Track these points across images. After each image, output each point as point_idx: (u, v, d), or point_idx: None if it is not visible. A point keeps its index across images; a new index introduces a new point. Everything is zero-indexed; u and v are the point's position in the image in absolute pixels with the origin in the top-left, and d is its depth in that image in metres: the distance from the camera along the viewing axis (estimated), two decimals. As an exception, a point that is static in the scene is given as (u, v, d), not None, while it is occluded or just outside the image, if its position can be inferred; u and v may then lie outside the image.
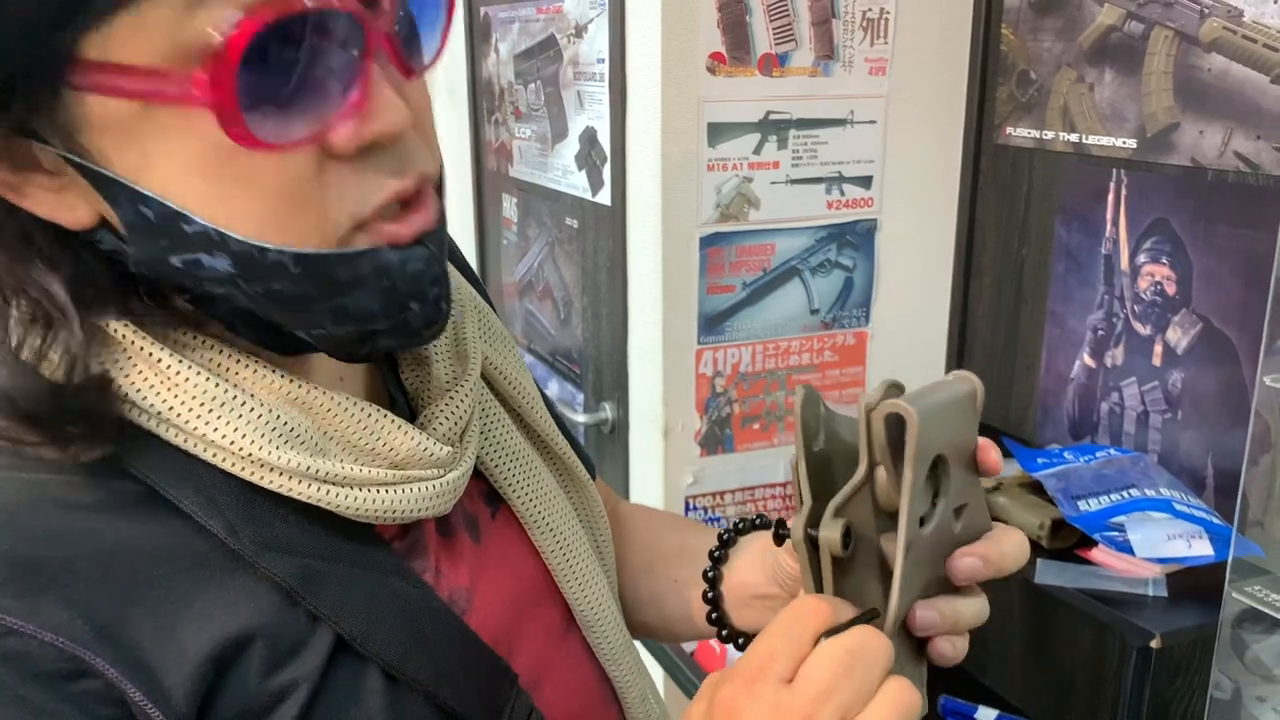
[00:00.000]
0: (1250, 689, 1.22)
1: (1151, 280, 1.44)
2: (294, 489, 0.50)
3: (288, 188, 0.45)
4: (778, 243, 1.63)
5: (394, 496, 0.53)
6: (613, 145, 1.67)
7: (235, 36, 0.41)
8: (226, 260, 0.46)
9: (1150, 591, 1.18)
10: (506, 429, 0.65)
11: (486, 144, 2.30)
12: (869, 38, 1.59)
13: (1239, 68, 1.29)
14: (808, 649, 0.45)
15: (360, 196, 0.47)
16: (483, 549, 0.61)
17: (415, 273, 0.49)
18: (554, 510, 0.66)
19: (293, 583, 0.50)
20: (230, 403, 0.49)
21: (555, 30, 1.84)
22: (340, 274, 0.47)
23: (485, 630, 0.57)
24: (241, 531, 0.49)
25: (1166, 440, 1.43)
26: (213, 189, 0.45)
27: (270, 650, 0.49)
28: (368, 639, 0.51)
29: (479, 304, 0.69)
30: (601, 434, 1.87)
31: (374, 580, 0.53)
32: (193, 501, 0.49)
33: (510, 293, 2.28)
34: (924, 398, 0.47)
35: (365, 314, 0.49)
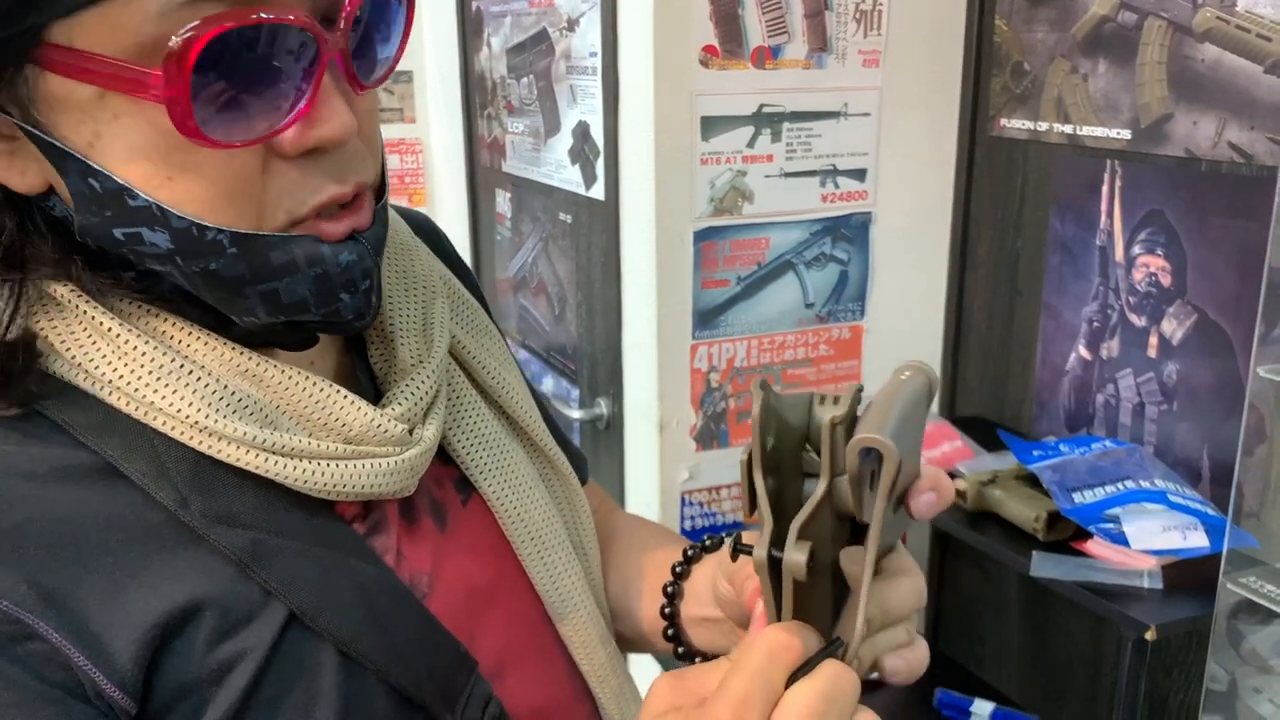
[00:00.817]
0: (1246, 680, 1.22)
1: (1146, 271, 1.44)
2: (242, 459, 0.51)
3: (231, 180, 0.48)
4: (772, 236, 1.63)
5: (345, 471, 0.54)
6: (605, 139, 1.67)
7: (193, 41, 0.44)
8: (165, 236, 0.48)
9: (1145, 583, 1.17)
10: (481, 417, 0.65)
11: (479, 139, 2.29)
12: (862, 30, 1.59)
13: (1232, 58, 1.28)
14: (780, 691, 0.45)
15: (299, 196, 0.50)
16: (449, 536, 0.61)
17: (347, 264, 0.51)
18: (528, 500, 0.66)
19: (243, 556, 0.51)
20: (178, 371, 0.51)
21: (547, 24, 1.83)
22: (274, 257, 0.49)
23: (446, 616, 0.58)
24: (192, 503, 0.50)
25: (1162, 432, 1.43)
26: (159, 172, 0.47)
27: (219, 620, 0.50)
28: (319, 614, 0.52)
29: (459, 293, 0.70)
30: (597, 430, 1.87)
31: (330, 557, 0.53)
32: (144, 472, 0.50)
33: (504, 288, 2.27)
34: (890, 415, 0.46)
35: (296, 301, 0.51)
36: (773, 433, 0.49)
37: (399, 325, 0.61)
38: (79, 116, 0.46)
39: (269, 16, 0.45)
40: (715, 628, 0.68)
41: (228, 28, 0.44)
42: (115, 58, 0.44)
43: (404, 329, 0.61)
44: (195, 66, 0.44)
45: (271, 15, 0.45)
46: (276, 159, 0.49)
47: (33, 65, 0.45)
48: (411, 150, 2.48)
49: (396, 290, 0.63)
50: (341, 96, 0.49)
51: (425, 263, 0.66)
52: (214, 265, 0.49)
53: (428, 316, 0.63)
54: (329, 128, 0.48)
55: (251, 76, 0.46)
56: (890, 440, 0.44)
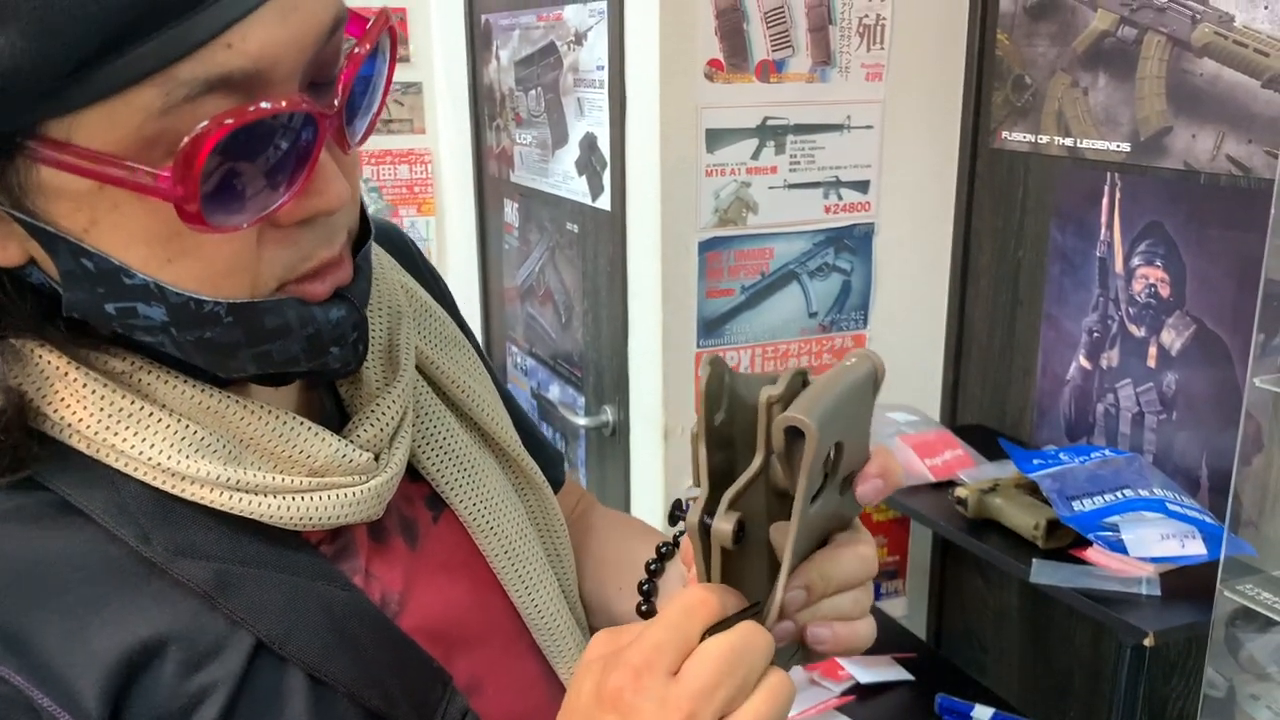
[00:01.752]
0: (1244, 687, 1.23)
1: (1146, 283, 1.45)
2: (208, 497, 0.51)
3: (231, 258, 0.48)
4: (776, 247, 1.65)
5: (311, 503, 0.54)
6: (612, 151, 1.69)
7: (203, 140, 0.43)
8: (162, 309, 0.48)
9: (1144, 591, 1.19)
10: (451, 433, 0.66)
11: (488, 150, 2.32)
12: (865, 44, 1.61)
13: (1230, 72, 1.30)
14: (694, 643, 0.46)
15: (291, 263, 0.50)
16: (420, 553, 0.62)
17: (337, 320, 0.52)
18: (500, 513, 0.66)
19: (207, 588, 0.50)
20: (137, 414, 0.51)
21: (555, 37, 1.85)
22: (268, 321, 0.50)
23: (420, 633, 0.58)
24: (154, 538, 0.50)
25: (1161, 441, 1.45)
26: (158, 256, 0.47)
27: (186, 654, 0.49)
28: (287, 640, 0.52)
29: (427, 308, 0.70)
30: (602, 437, 1.89)
31: (296, 583, 0.53)
32: (103, 510, 0.50)
33: (511, 297, 2.29)
34: (823, 398, 0.47)
35: (288, 359, 0.51)
36: (725, 409, 0.51)
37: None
38: (74, 205, 0.46)
39: (271, 106, 0.45)
40: None
41: (237, 126, 0.44)
42: (117, 156, 0.44)
43: (369, 354, 0.61)
44: (205, 166, 0.44)
45: (272, 105, 0.45)
46: (270, 229, 0.49)
47: (26, 158, 0.44)
48: (421, 160, 2.51)
49: None
50: (335, 164, 0.49)
51: (390, 282, 0.66)
52: (209, 334, 0.49)
53: (393, 338, 0.63)
54: (326, 199, 0.49)
55: (255, 164, 0.46)
56: (813, 421, 0.45)
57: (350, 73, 0.49)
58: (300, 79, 0.47)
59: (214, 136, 0.43)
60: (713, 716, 0.45)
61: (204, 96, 0.43)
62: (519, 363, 2.31)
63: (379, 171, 2.47)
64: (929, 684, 1.57)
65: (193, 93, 0.43)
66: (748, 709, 0.45)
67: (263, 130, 0.46)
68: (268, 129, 0.46)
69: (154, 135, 0.44)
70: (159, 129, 0.43)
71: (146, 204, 0.45)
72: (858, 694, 1.53)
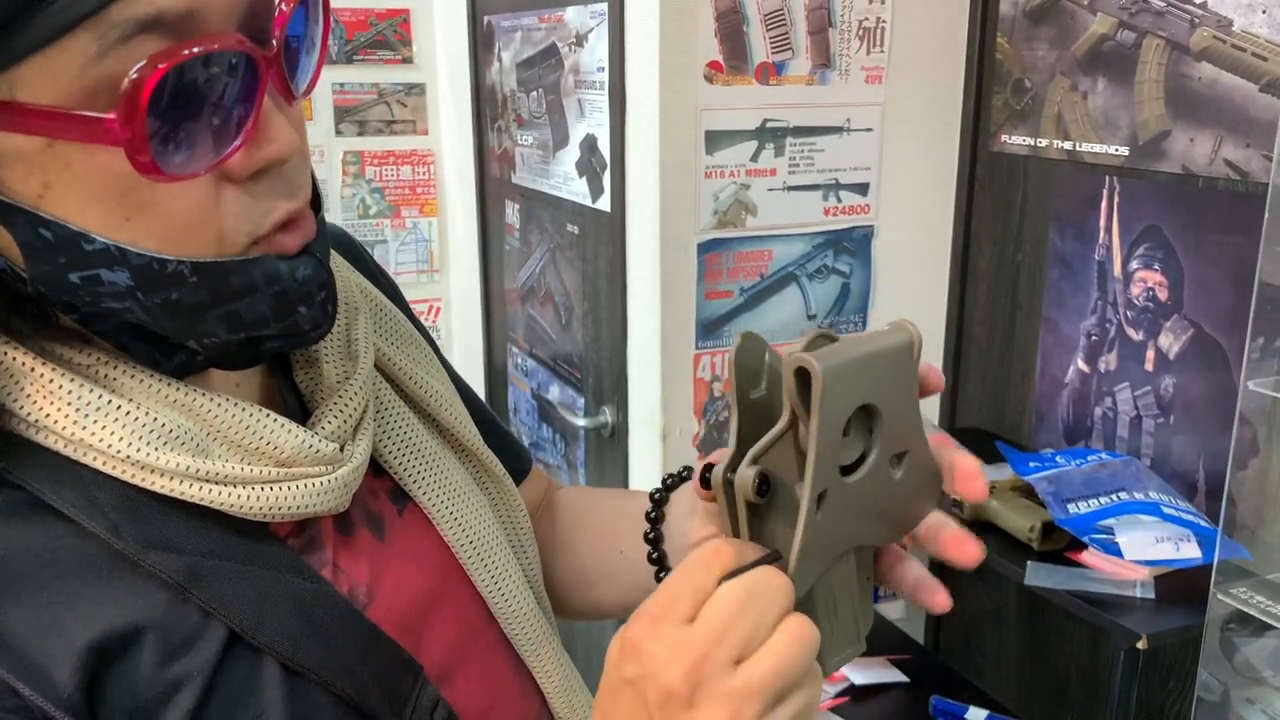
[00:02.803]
0: (1239, 691, 1.23)
1: (1144, 286, 1.45)
2: (177, 489, 0.52)
3: (189, 211, 0.48)
4: (775, 249, 1.65)
5: (280, 493, 0.54)
6: (612, 152, 1.70)
7: (144, 80, 0.43)
8: (126, 274, 0.48)
9: (1138, 594, 1.19)
10: (411, 427, 0.66)
11: (490, 151, 2.32)
12: (865, 46, 1.61)
13: (1228, 76, 1.30)
14: (710, 590, 0.47)
15: (256, 217, 0.50)
16: (387, 545, 0.62)
17: (304, 278, 0.52)
18: (464, 505, 0.67)
19: (179, 579, 0.51)
20: (105, 407, 0.51)
21: (556, 39, 1.86)
22: (234, 281, 0.50)
23: (389, 624, 0.58)
24: (125, 531, 0.50)
25: (1159, 444, 1.45)
26: (115, 214, 0.47)
27: (161, 644, 0.50)
28: (259, 631, 0.52)
29: (382, 306, 0.70)
30: (601, 437, 1.89)
31: (266, 576, 0.54)
32: (73, 504, 0.50)
33: (512, 298, 2.30)
34: (843, 351, 0.47)
35: (256, 318, 0.51)
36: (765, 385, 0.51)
37: (323, 344, 0.61)
38: (26, 169, 0.45)
39: (213, 46, 0.45)
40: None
41: (175, 62, 0.44)
42: (61, 107, 0.44)
43: (328, 347, 0.62)
44: (148, 105, 0.44)
45: (214, 44, 0.45)
46: (227, 184, 0.49)
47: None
48: (423, 161, 2.51)
49: None
50: (280, 113, 0.50)
51: (345, 279, 0.66)
52: (175, 295, 0.49)
53: (351, 333, 0.63)
54: (275, 147, 0.49)
55: (198, 107, 0.46)
56: (820, 364, 0.45)
57: (283, 18, 0.49)
58: (236, 26, 0.47)
59: (155, 74, 0.44)
60: (726, 659, 0.45)
61: (138, 37, 0.44)
62: (520, 363, 2.31)
63: (381, 172, 2.48)
64: (924, 686, 1.57)
65: (127, 33, 0.43)
66: (764, 652, 0.45)
67: (203, 70, 0.46)
68: (208, 69, 0.46)
69: (95, 83, 0.44)
70: (99, 75, 0.44)
71: (98, 159, 0.45)
72: (852, 695, 1.53)
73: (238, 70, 0.47)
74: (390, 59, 2.42)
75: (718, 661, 0.45)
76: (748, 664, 0.45)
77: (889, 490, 0.52)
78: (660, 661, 0.45)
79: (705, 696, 0.44)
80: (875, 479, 0.51)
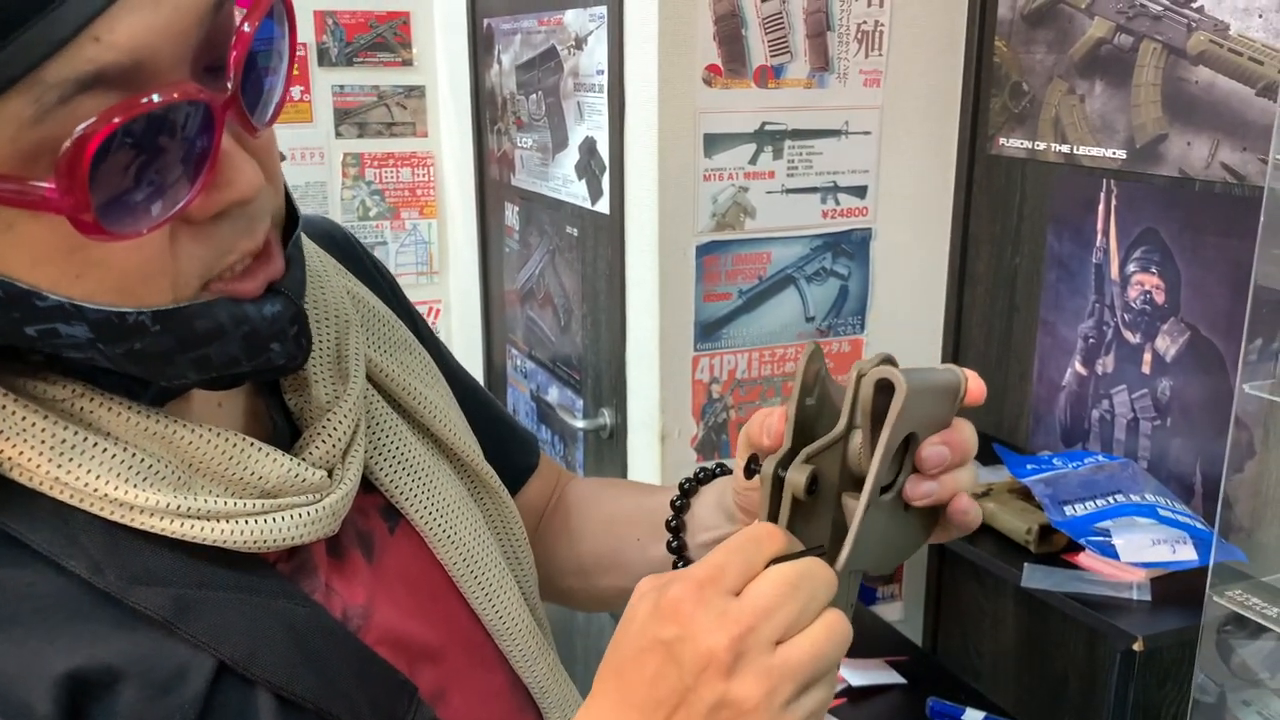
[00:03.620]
0: (1235, 693, 1.23)
1: (1141, 289, 1.46)
2: (159, 526, 0.50)
3: (143, 263, 0.46)
4: (773, 251, 1.65)
5: (264, 526, 0.52)
6: (611, 155, 1.70)
7: (84, 145, 0.40)
8: (84, 327, 0.46)
9: (1135, 595, 1.19)
10: (403, 442, 0.64)
11: (489, 153, 2.33)
12: (863, 50, 1.62)
13: (1225, 80, 1.31)
14: (759, 569, 0.47)
15: (211, 259, 0.48)
16: (379, 565, 0.61)
17: (273, 315, 0.50)
18: (457, 521, 0.65)
19: (165, 614, 0.49)
20: (82, 445, 0.49)
21: (556, 42, 1.87)
22: (199, 325, 0.48)
23: (384, 645, 0.58)
24: (106, 569, 0.49)
25: (1156, 447, 1.45)
26: (65, 274, 0.44)
27: (145, 682, 0.48)
28: (251, 661, 0.51)
29: (375, 313, 0.68)
30: (600, 439, 1.89)
31: (256, 603, 0.52)
32: (51, 544, 0.48)
33: (512, 300, 2.30)
34: (914, 375, 0.50)
35: (227, 360, 0.49)
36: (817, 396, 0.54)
37: (312, 362, 0.59)
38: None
39: (160, 99, 0.42)
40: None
41: (116, 126, 0.41)
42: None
43: (317, 365, 0.60)
44: (90, 170, 0.41)
45: (161, 96, 0.42)
46: (184, 227, 0.46)
47: None
48: (423, 164, 2.52)
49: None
50: (241, 149, 0.47)
51: (335, 287, 0.64)
52: (139, 345, 0.47)
53: (341, 349, 0.61)
54: (236, 189, 0.46)
55: (150, 162, 0.43)
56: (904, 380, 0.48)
57: (240, 53, 0.45)
58: (191, 65, 0.44)
59: (95, 138, 0.40)
60: (769, 637, 0.45)
61: (79, 97, 0.40)
62: (519, 365, 2.32)
63: (381, 174, 2.48)
64: (921, 688, 1.58)
65: (65, 94, 0.40)
66: (805, 638, 0.46)
67: (150, 125, 0.43)
68: (156, 123, 0.43)
69: (32, 147, 0.41)
70: (37, 139, 0.40)
71: (41, 220, 0.42)
72: (849, 697, 1.53)
73: (191, 119, 0.44)
74: (390, 61, 2.43)
75: (762, 637, 0.45)
76: (788, 645, 0.46)
77: (900, 520, 0.54)
78: (704, 627, 0.45)
79: (745, 668, 0.45)
80: (896, 505, 0.53)
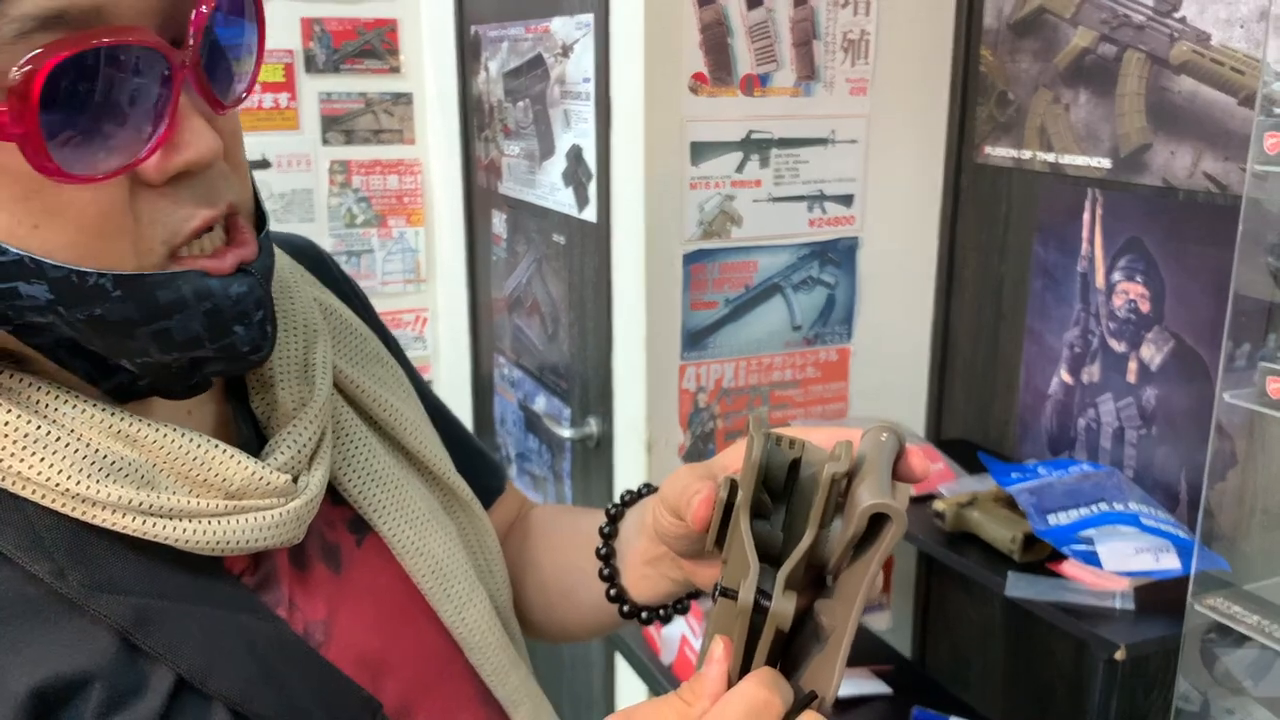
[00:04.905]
0: (1219, 701, 1.23)
1: (1126, 298, 1.46)
2: (120, 523, 0.50)
3: (99, 217, 0.46)
4: (760, 260, 1.65)
5: (227, 527, 0.52)
6: (598, 163, 1.70)
7: (35, 71, 0.42)
8: (44, 287, 0.46)
9: (1117, 604, 1.19)
10: (372, 453, 0.64)
11: (477, 160, 2.33)
12: (850, 59, 1.62)
13: (1208, 90, 1.31)
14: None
15: (172, 224, 0.48)
16: (344, 579, 0.61)
17: (238, 295, 0.50)
18: (426, 533, 0.65)
19: (125, 625, 0.49)
20: (44, 439, 0.49)
21: (543, 49, 1.87)
22: (162, 296, 0.48)
23: (346, 661, 0.57)
24: (70, 574, 0.49)
25: (1141, 456, 1.45)
26: (24, 221, 0.45)
27: (107, 694, 0.48)
28: (208, 677, 0.50)
29: (347, 325, 0.68)
30: (587, 448, 1.89)
31: (218, 617, 0.52)
32: (16, 545, 0.48)
33: (500, 308, 2.30)
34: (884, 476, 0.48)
35: (190, 338, 0.49)
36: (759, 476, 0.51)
37: (279, 369, 0.60)
38: None
39: (118, 40, 0.43)
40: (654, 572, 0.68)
41: (69, 54, 0.42)
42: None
43: (284, 373, 0.60)
44: (42, 99, 0.42)
45: (119, 38, 0.43)
46: (143, 189, 0.47)
47: None
48: (411, 171, 2.51)
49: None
50: (202, 117, 0.48)
51: (304, 298, 0.64)
52: (99, 311, 0.47)
53: (309, 358, 0.61)
54: (192, 150, 0.47)
55: (104, 105, 0.45)
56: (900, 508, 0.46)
57: (201, 18, 0.47)
58: (155, 27, 0.46)
59: (46, 66, 0.41)
60: None
61: (37, 33, 0.42)
62: (506, 374, 2.31)
63: (369, 181, 2.48)
64: (907, 697, 1.57)
65: (25, 28, 0.41)
66: None
67: (106, 65, 0.44)
68: (113, 64, 0.44)
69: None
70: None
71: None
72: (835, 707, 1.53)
73: (150, 70, 0.45)
74: (378, 68, 2.42)
75: None
76: None
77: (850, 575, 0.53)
78: None
79: None
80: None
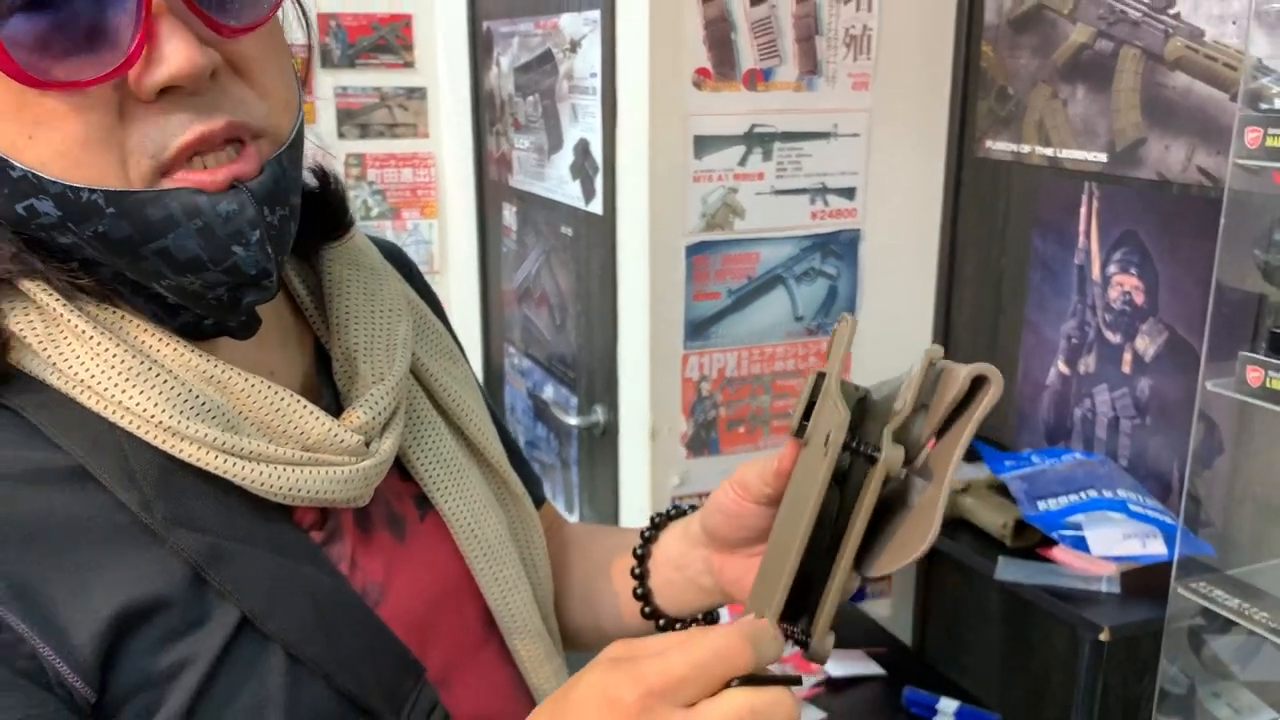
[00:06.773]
0: (1205, 685, 1.26)
1: (1121, 290, 1.48)
2: (203, 459, 0.53)
3: (86, 127, 0.48)
4: (762, 251, 1.68)
5: (301, 475, 0.55)
6: (604, 156, 1.73)
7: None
8: (50, 203, 0.48)
9: (1104, 588, 1.22)
10: (441, 437, 0.68)
11: (488, 154, 2.36)
12: (852, 53, 1.65)
13: (1201, 85, 1.34)
14: (716, 687, 0.46)
15: (161, 138, 0.49)
16: (405, 548, 0.64)
17: (227, 213, 0.50)
18: (482, 518, 0.68)
19: (200, 560, 0.52)
20: (146, 374, 0.52)
21: (552, 45, 1.90)
22: (151, 213, 0.49)
23: (397, 623, 0.60)
24: (155, 507, 0.52)
25: (1135, 445, 1.48)
26: (21, 132, 0.47)
27: (175, 621, 0.51)
28: (269, 618, 0.53)
29: (426, 319, 0.72)
30: (593, 436, 1.93)
31: (284, 564, 0.55)
32: (110, 474, 0.52)
33: (509, 299, 2.34)
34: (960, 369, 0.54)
35: (191, 258, 0.50)
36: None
37: (361, 343, 0.63)
38: None
39: None
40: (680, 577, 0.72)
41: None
42: None
43: (366, 347, 0.63)
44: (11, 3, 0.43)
45: None
46: (135, 106, 0.48)
47: None
48: (424, 164, 2.55)
49: (362, 310, 0.65)
50: (189, 34, 0.47)
51: (393, 287, 0.67)
52: (101, 228, 0.49)
53: (391, 337, 0.65)
54: (169, 65, 0.47)
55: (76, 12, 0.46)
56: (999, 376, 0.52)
57: None
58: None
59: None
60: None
61: None
62: (515, 364, 2.35)
63: (383, 175, 2.52)
64: (901, 678, 1.60)
65: None
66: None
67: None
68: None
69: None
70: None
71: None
72: (829, 687, 1.56)
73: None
74: (392, 63, 2.46)
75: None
76: None
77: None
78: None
79: None
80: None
